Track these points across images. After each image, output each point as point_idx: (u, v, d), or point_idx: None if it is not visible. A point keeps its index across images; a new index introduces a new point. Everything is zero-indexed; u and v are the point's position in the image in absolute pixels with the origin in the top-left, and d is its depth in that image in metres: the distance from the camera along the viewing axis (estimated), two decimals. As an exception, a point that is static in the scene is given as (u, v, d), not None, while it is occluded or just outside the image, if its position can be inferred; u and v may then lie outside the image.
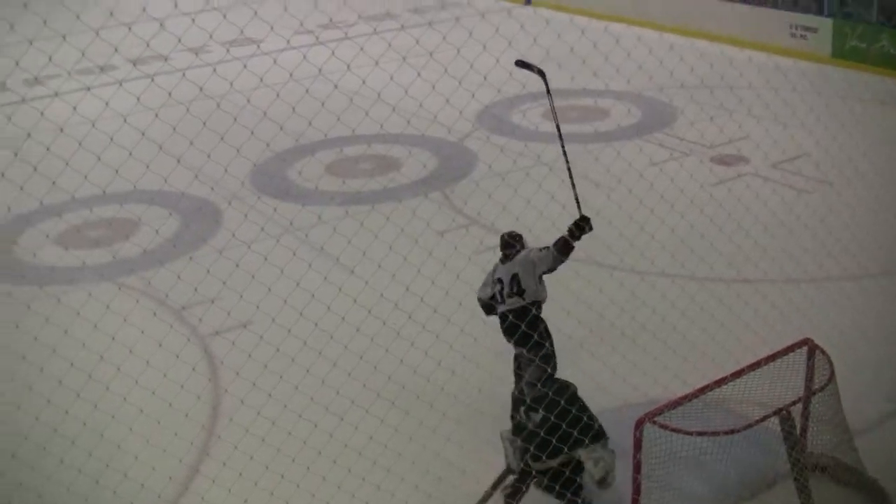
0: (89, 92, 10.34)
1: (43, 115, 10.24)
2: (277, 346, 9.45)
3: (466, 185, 15.36)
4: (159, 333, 10.39)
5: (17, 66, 9.78)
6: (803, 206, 13.64)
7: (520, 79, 9.66)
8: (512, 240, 8.62)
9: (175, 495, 8.69)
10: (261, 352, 9.54)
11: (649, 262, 11.86)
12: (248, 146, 10.40)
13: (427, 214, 12.92)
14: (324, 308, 9.61)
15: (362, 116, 10.79)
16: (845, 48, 20.88)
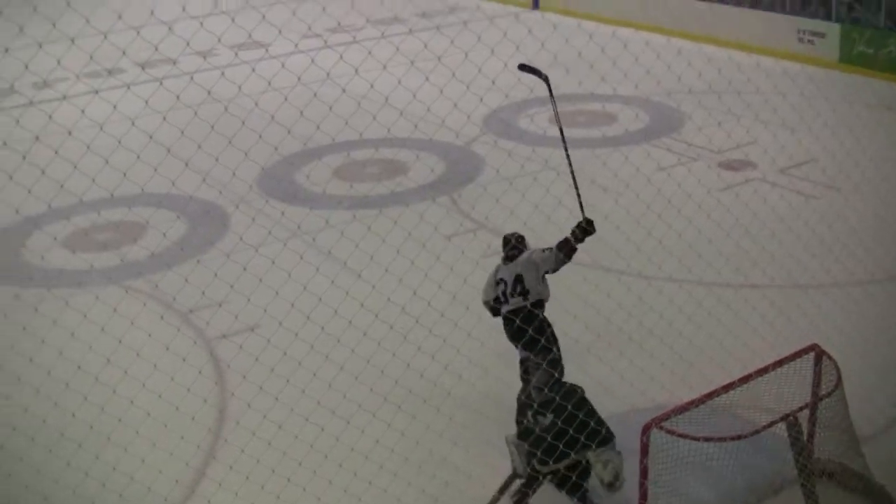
0: (97, 95, 10.39)
1: (51, 118, 10.27)
2: (284, 349, 9.45)
3: (474, 190, 15.37)
4: (166, 337, 10.40)
5: (26, 69, 9.78)
6: (811, 211, 13.62)
7: (527, 83, 9.68)
8: (515, 241, 8.66)
9: (181, 498, 8.69)
10: (268, 355, 9.54)
11: (657, 267, 11.85)
12: (255, 150, 10.40)
13: (434, 219, 12.92)
14: (331, 312, 9.62)
15: (370, 120, 10.80)
16: (853, 53, 20.85)
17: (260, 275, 10.10)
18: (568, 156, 8.51)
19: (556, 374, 8.09)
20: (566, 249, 8.21)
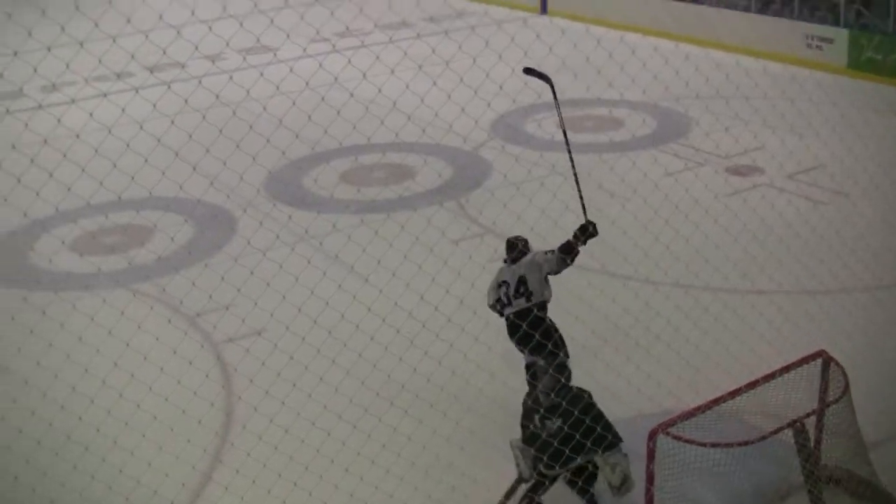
0: (106, 98, 10.39)
1: (60, 122, 10.29)
2: (291, 353, 9.45)
3: (481, 195, 15.37)
4: (173, 340, 10.42)
5: (35, 73, 9.80)
6: (819, 217, 13.60)
7: (535, 89, 9.67)
8: (518, 243, 8.73)
9: (188, 502, 8.70)
10: (274, 359, 9.55)
11: (664, 272, 11.84)
12: (263, 154, 10.43)
13: (442, 223, 12.93)
14: (338, 316, 9.62)
15: (378, 125, 10.82)
16: (861, 59, 20.83)
17: (267, 279, 10.10)
18: (571, 157, 8.53)
19: (563, 379, 8.09)
20: (568, 251, 8.25)
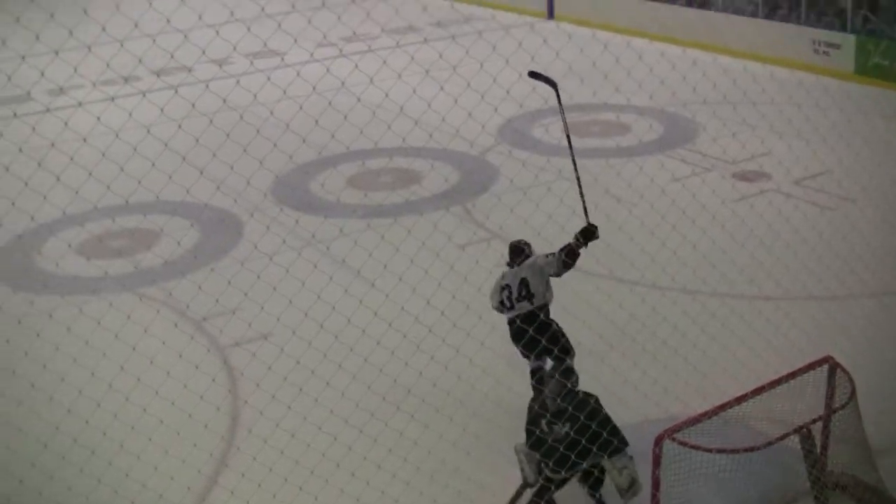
0: (113, 102, 10.42)
1: (67, 125, 10.30)
2: (298, 358, 9.46)
3: (488, 199, 15.36)
4: (180, 344, 10.43)
5: (42, 76, 9.83)
6: (826, 223, 13.58)
7: (542, 93, 9.67)
8: (521, 247, 8.79)
9: (193, 506, 8.71)
10: (281, 364, 9.55)
11: (671, 277, 11.83)
12: (270, 158, 10.43)
13: (448, 228, 12.93)
14: (344, 320, 9.63)
15: (385, 129, 10.83)
16: (868, 65, 20.80)
17: (274, 283, 10.11)
18: (574, 160, 8.56)
19: (570, 384, 8.09)
20: (569, 253, 8.32)
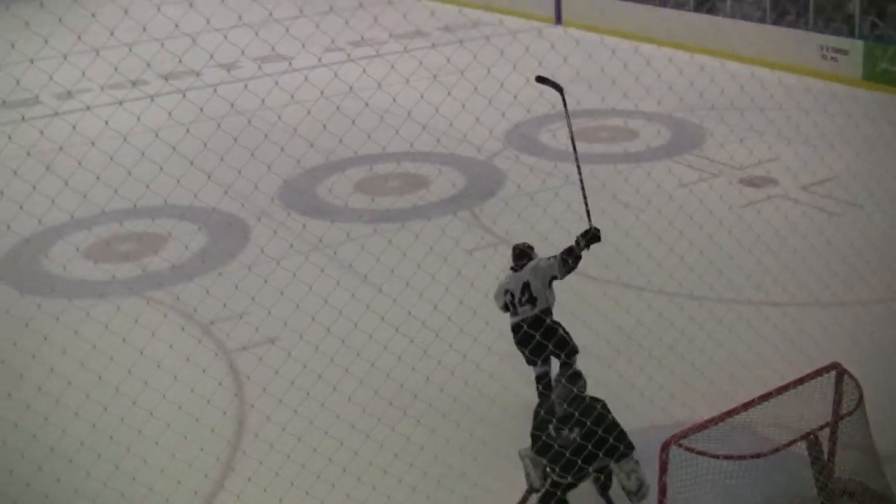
0: (121, 106, 10.44)
1: (75, 129, 10.33)
2: (304, 362, 9.47)
3: (495, 204, 15.37)
4: (187, 348, 10.44)
5: (51, 80, 9.85)
6: (833, 228, 13.55)
7: (549, 98, 9.69)
8: (525, 250, 8.80)
9: (200, 510, 8.72)
10: (288, 368, 9.56)
11: (678, 283, 11.81)
12: (278, 162, 10.44)
13: (456, 233, 12.93)
14: (351, 325, 9.63)
15: (392, 134, 10.82)
16: (876, 70, 20.77)
17: (281, 287, 10.12)
18: (578, 163, 8.57)
19: (576, 389, 8.08)
20: (571, 257, 8.34)
